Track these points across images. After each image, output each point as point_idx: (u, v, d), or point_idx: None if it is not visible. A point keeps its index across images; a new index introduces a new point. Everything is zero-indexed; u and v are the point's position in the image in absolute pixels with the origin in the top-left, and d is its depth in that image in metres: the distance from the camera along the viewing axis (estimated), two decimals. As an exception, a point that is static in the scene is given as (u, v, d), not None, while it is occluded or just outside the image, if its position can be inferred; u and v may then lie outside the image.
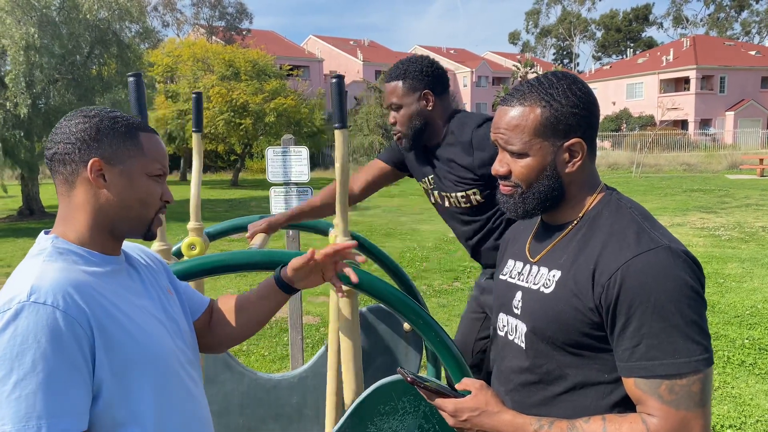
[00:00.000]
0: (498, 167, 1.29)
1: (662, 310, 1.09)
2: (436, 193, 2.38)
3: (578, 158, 1.24)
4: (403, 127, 2.28)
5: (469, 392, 1.30)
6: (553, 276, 1.24)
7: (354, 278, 1.45)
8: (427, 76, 2.24)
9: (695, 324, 1.09)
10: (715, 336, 5.16)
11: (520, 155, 1.25)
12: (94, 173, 1.17)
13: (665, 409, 1.09)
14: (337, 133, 2.02)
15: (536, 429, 1.19)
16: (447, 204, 2.36)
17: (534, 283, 1.29)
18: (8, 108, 13.27)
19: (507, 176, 1.28)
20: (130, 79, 1.89)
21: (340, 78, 2.01)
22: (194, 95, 2.39)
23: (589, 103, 1.23)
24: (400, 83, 2.25)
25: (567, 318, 1.19)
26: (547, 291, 1.24)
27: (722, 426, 3.63)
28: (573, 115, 1.21)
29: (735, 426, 3.63)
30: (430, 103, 2.24)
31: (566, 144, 1.23)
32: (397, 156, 2.53)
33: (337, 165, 2.05)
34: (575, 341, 1.19)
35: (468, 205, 2.29)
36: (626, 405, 1.17)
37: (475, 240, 2.36)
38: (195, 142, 2.42)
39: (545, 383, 1.25)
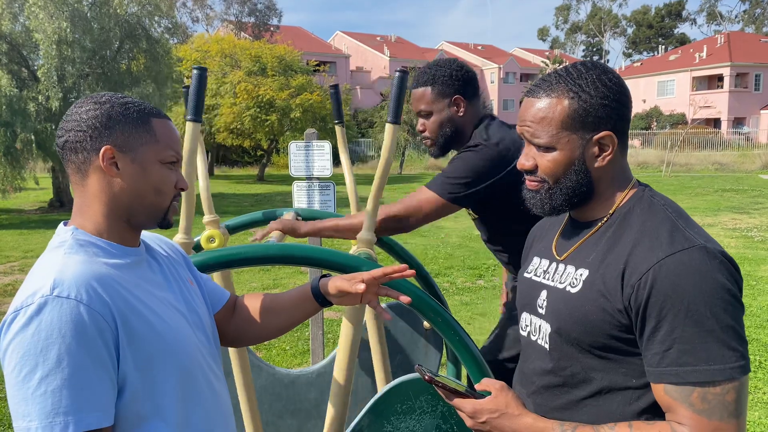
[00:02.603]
0: (524, 161, 1.23)
1: (696, 313, 1.02)
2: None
3: (608, 152, 1.18)
4: (432, 134, 2.18)
5: (489, 393, 1.25)
6: (581, 275, 1.18)
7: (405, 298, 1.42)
8: (458, 81, 2.13)
9: (731, 329, 1.03)
10: (747, 339, 5.01)
11: (547, 149, 1.19)
12: (107, 161, 1.14)
13: (697, 419, 1.03)
14: (388, 127, 1.95)
15: None
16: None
17: (560, 282, 1.23)
18: (40, 101, 13.53)
19: (533, 171, 1.22)
20: (194, 71, 1.86)
21: (405, 73, 1.90)
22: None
23: (621, 94, 1.17)
24: (429, 89, 2.14)
25: (594, 319, 1.13)
26: (574, 291, 1.18)
27: (746, 430, 3.52)
28: (603, 106, 1.15)
29: (766, 433, 3.52)
30: (461, 109, 2.14)
31: (596, 137, 1.17)
32: None
33: (383, 158, 1.99)
34: (602, 344, 1.14)
35: (474, 218, 2.25)
36: (655, 412, 1.12)
37: (510, 258, 2.29)
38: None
39: (569, 386, 1.20)
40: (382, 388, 1.96)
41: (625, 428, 1.09)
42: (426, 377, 1.22)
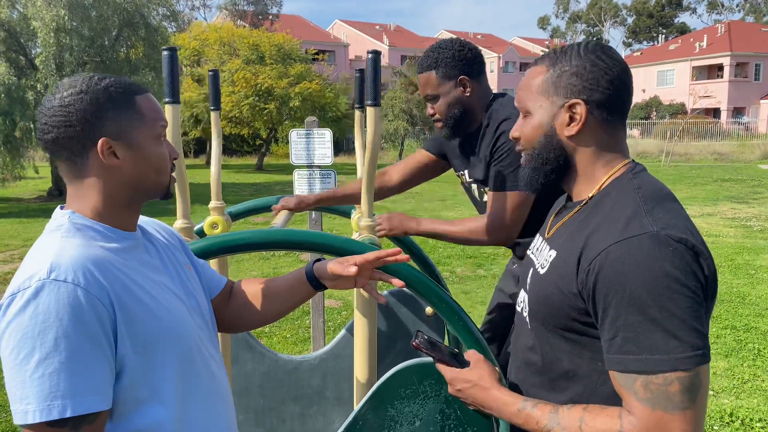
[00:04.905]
0: (512, 131, 1.28)
1: (639, 302, 1.00)
2: (474, 187, 2.29)
3: (578, 122, 1.17)
4: (442, 117, 2.16)
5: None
6: (550, 256, 1.20)
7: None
8: (461, 61, 2.10)
9: (678, 319, 0.99)
10: (746, 328, 5.04)
11: (527, 114, 1.23)
12: (106, 153, 1.12)
13: (641, 407, 1.02)
14: (369, 110, 1.94)
15: (519, 408, 1.17)
16: (481, 200, 2.27)
17: (537, 262, 1.26)
18: (39, 90, 13.48)
19: (519, 140, 1.27)
20: (165, 53, 1.85)
21: (377, 54, 1.88)
22: (211, 72, 2.35)
23: (602, 71, 1.16)
24: (433, 73, 2.12)
25: (555, 301, 1.14)
26: (542, 271, 1.20)
27: (752, 420, 3.54)
28: (577, 75, 1.16)
29: (765, 420, 3.54)
30: (468, 89, 2.12)
31: (566, 104, 1.17)
32: (443, 145, 2.39)
33: (369, 141, 1.97)
34: (565, 325, 1.15)
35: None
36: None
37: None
38: (213, 120, 2.39)
39: (544, 365, 1.22)
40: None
41: (580, 410, 1.10)
42: (414, 343, 1.28)
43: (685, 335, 0.99)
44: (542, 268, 1.21)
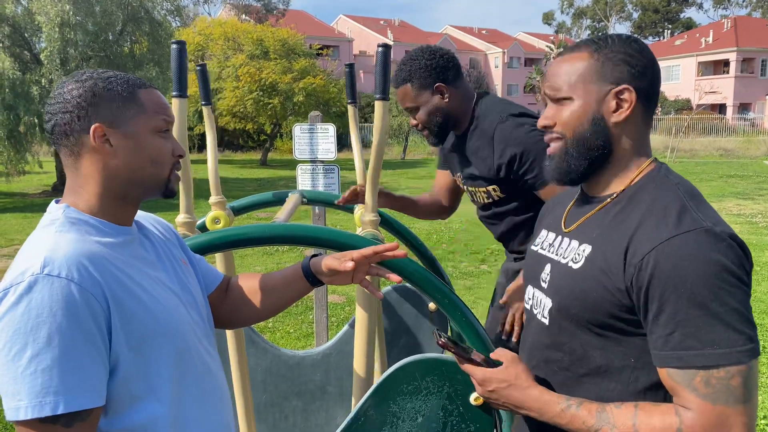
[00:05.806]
0: (542, 120, 1.23)
1: (700, 296, 1.00)
2: (466, 186, 2.31)
3: (626, 108, 1.16)
4: (425, 126, 2.19)
5: (501, 363, 1.25)
6: (583, 251, 1.17)
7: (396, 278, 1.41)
8: (434, 69, 2.12)
9: (737, 312, 1.00)
10: (755, 323, 5.02)
11: (566, 99, 1.19)
12: (98, 140, 1.11)
13: (701, 403, 1.00)
14: (377, 104, 1.92)
15: (563, 408, 1.13)
16: (475, 198, 2.28)
17: (563, 257, 1.22)
18: (43, 84, 13.49)
19: (551, 127, 1.22)
20: (174, 46, 1.84)
21: (387, 47, 1.86)
22: (198, 67, 2.32)
23: (648, 61, 1.16)
24: (408, 86, 2.15)
25: (594, 297, 1.12)
26: (576, 266, 1.17)
27: (757, 416, 3.52)
28: (624, 62, 1.15)
29: (769, 417, 3.53)
30: (446, 95, 2.14)
31: (614, 90, 1.15)
32: (446, 156, 2.43)
33: (376, 135, 1.95)
34: (601, 321, 1.12)
35: (490, 200, 2.22)
36: (654, 393, 1.10)
37: (503, 234, 2.28)
38: (206, 115, 2.38)
39: (567, 363, 1.19)
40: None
41: (631, 408, 1.08)
42: (440, 341, 1.22)
43: (744, 327, 1.00)
44: (574, 262, 1.17)
